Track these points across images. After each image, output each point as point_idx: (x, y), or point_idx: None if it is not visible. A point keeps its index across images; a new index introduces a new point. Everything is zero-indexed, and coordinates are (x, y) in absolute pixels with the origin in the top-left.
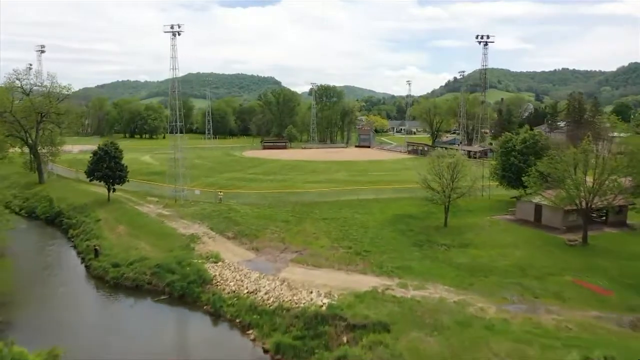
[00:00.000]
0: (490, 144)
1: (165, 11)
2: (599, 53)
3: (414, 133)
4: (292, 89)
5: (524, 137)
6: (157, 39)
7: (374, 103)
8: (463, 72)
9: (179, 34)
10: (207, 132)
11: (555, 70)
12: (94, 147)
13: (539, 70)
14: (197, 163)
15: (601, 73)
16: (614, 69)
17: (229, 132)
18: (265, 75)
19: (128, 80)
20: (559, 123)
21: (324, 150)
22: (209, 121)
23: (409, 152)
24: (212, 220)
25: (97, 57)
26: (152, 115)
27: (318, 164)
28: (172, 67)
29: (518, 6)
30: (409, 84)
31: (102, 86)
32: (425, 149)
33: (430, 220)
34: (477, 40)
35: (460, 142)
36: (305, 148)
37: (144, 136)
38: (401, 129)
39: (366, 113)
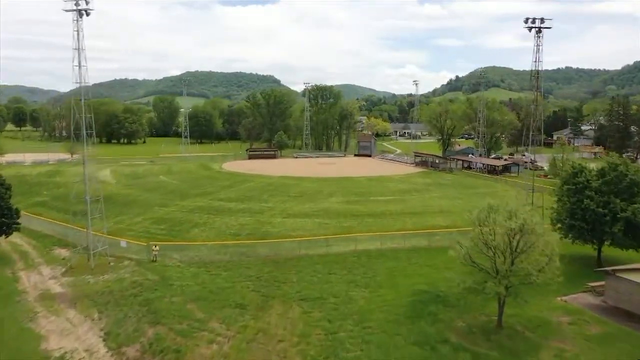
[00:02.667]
0: (512, 154)
1: (165, 9)
2: (600, 51)
3: (419, 137)
4: (292, 87)
5: (602, 169)
6: (157, 36)
7: (374, 103)
8: (483, 71)
9: (87, 14)
10: (183, 138)
11: (558, 68)
12: (56, 157)
13: (541, 68)
14: (161, 181)
15: (605, 72)
16: (618, 67)
17: (216, 137)
18: (265, 74)
19: (126, 78)
20: (583, 127)
21: (319, 160)
22: (186, 127)
23: (417, 164)
24: (121, 310)
25: (96, 55)
26: (130, 119)
27: (308, 183)
28: (75, 62)
29: (517, 4)
30: (416, 84)
31: (100, 84)
32: (437, 161)
33: (472, 309)
34: (526, 26)
35: (481, 154)
36: (297, 157)
37: (122, 141)
38: (404, 133)
39: (367, 113)
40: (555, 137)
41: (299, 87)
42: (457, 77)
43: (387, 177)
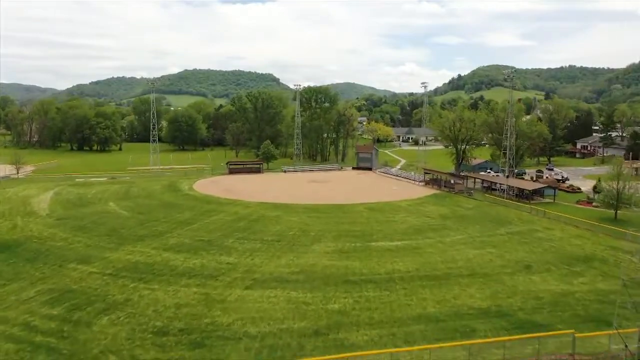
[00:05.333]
0: (540, 171)
1: (166, 7)
2: (604, 50)
3: (425, 143)
4: (291, 85)
5: None
6: (158, 34)
7: (375, 103)
8: (512, 71)
9: None
10: (152, 148)
11: (562, 67)
12: (2, 170)
13: (544, 67)
14: (107, 212)
15: (610, 70)
16: (623, 66)
17: (200, 143)
18: (264, 72)
19: (124, 76)
20: (614, 135)
21: (310, 176)
22: (155, 139)
23: (427, 184)
24: None
25: (95, 53)
26: (103, 124)
27: (292, 216)
28: None
29: (516, 2)
30: (425, 86)
31: (97, 82)
32: (452, 181)
33: None
34: None
35: (508, 175)
36: (286, 171)
37: (95, 148)
38: (408, 138)
39: (367, 114)
40: (579, 146)
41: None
42: (459, 75)
43: (392, 205)
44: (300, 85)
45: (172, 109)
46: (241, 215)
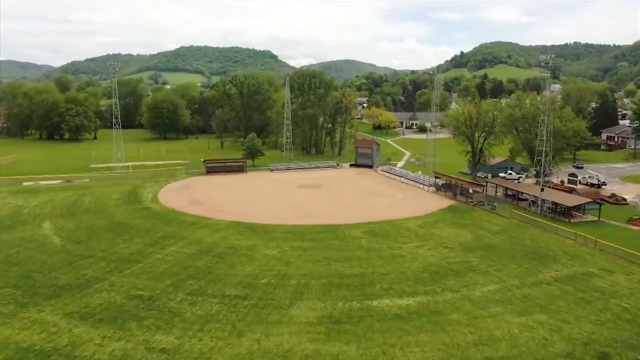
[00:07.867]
0: (574, 177)
1: None
2: (610, 26)
3: (431, 130)
4: (290, 62)
5: None
6: (155, 9)
7: (375, 82)
8: (551, 59)
9: None
10: (115, 142)
11: (567, 44)
12: None
13: (548, 43)
14: (33, 241)
15: (616, 47)
16: (630, 42)
17: (184, 131)
18: (262, 49)
19: (119, 53)
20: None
21: (300, 178)
22: (117, 125)
23: (438, 190)
24: None
25: (92, 28)
26: (73, 110)
27: (269, 249)
28: None
29: None
30: (434, 74)
31: (92, 59)
32: (470, 190)
33: None
34: None
35: (543, 188)
36: (274, 170)
37: (67, 137)
38: (412, 124)
39: (367, 94)
40: (604, 136)
41: (297, 62)
42: (461, 52)
43: (398, 226)
44: (292, 68)
45: (167, 86)
46: (205, 246)
